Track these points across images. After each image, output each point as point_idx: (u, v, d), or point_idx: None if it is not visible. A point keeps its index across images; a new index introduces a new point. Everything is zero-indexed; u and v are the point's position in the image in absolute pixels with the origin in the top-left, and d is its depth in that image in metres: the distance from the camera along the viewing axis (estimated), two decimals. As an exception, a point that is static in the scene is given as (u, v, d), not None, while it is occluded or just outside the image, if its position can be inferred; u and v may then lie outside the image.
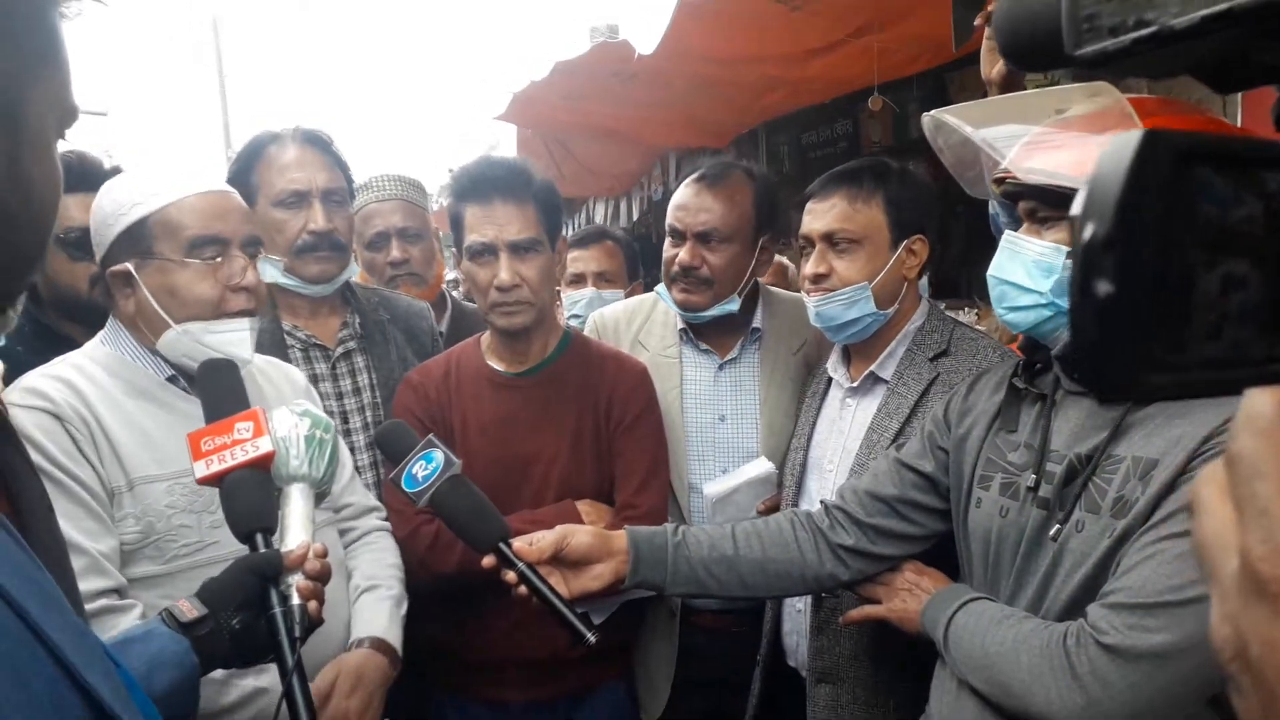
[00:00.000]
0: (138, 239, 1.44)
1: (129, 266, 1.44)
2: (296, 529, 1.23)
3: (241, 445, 1.21)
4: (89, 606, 1.27)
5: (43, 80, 0.63)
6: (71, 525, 1.29)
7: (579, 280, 3.04)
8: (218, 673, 1.20)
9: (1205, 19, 0.34)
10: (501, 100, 5.55)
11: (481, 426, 1.83)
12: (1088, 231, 0.36)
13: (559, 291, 2.83)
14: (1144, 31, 0.36)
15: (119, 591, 1.33)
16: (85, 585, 1.27)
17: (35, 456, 1.29)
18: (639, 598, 1.77)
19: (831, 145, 5.73)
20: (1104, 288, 0.36)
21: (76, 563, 1.27)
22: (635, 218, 7.71)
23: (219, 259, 1.46)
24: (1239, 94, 2.21)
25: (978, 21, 1.88)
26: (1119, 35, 0.37)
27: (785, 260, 4.41)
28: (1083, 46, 0.39)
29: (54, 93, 0.64)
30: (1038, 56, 0.44)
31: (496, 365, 1.88)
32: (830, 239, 1.74)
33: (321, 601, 1.20)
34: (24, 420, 1.31)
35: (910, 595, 1.45)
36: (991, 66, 1.83)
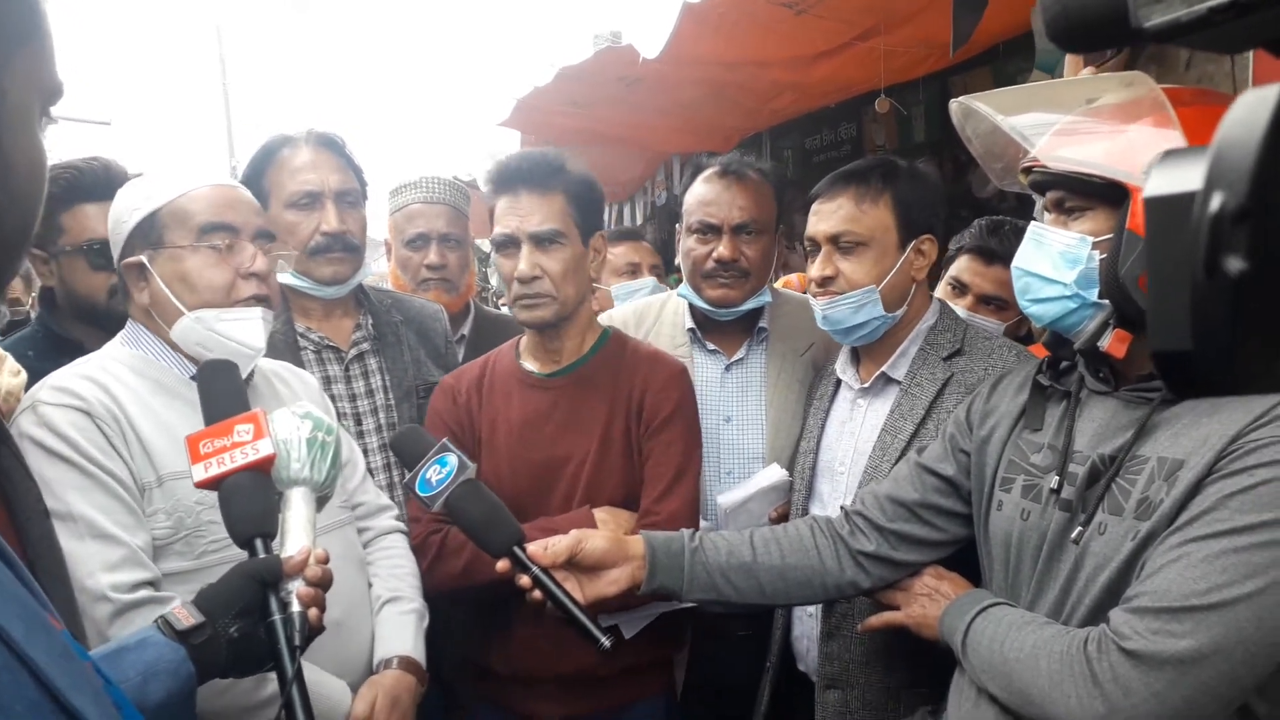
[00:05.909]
0: (149, 231, 1.47)
1: (142, 258, 1.47)
2: (297, 534, 1.21)
3: (241, 448, 1.18)
4: (130, 597, 1.28)
5: (23, 54, 0.60)
6: (108, 519, 1.30)
7: (635, 270, 3.22)
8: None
9: None
10: (505, 106, 5.53)
11: (510, 429, 1.78)
12: (1215, 202, 0.33)
13: (597, 287, 2.82)
14: None
15: (154, 584, 1.33)
16: (125, 576, 1.29)
17: (69, 452, 1.31)
18: (676, 612, 1.73)
19: (835, 149, 5.72)
20: (1236, 265, 0.32)
21: (114, 554, 1.29)
22: (638, 223, 7.70)
23: (229, 245, 1.48)
24: (1250, 61, 2.17)
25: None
26: (1193, 4, 0.35)
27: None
28: (1152, 18, 0.37)
29: (36, 67, 0.62)
30: (1093, 34, 0.41)
31: (529, 366, 1.83)
32: (836, 241, 1.71)
33: (322, 609, 1.18)
34: (57, 418, 1.33)
35: (930, 600, 1.42)
36: None
